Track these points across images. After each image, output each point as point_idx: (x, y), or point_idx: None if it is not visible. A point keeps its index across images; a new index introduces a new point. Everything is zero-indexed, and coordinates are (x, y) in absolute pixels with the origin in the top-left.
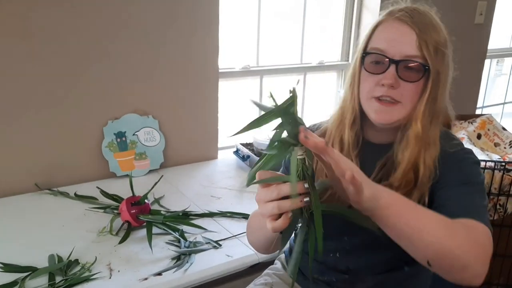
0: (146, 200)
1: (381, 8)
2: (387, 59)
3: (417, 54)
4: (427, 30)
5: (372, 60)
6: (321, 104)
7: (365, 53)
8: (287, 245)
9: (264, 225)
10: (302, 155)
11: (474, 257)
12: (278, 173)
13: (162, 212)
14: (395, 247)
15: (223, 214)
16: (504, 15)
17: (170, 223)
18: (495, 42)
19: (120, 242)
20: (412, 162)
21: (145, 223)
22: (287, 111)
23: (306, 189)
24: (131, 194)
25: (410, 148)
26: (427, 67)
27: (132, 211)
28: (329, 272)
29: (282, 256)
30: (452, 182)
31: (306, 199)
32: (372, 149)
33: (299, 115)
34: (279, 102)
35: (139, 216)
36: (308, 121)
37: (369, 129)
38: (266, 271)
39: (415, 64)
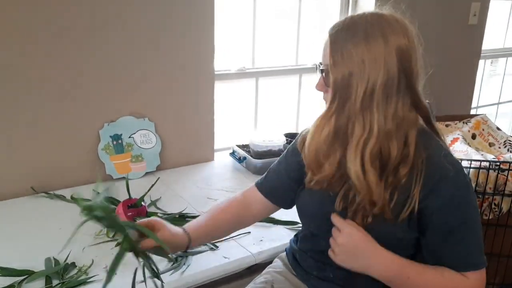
0: (142, 203)
1: (375, 9)
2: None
3: (326, 62)
4: (339, 38)
5: None
6: (316, 105)
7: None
8: (288, 244)
9: None
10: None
11: None
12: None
13: (158, 214)
14: (390, 247)
15: None
16: (497, 16)
17: None
18: (489, 42)
19: (117, 245)
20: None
21: None
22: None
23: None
24: (128, 197)
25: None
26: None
27: (128, 214)
28: (327, 269)
29: (283, 254)
30: (447, 225)
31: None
32: None
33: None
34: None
35: (136, 219)
36: (304, 124)
37: None
38: (266, 269)
39: (321, 69)
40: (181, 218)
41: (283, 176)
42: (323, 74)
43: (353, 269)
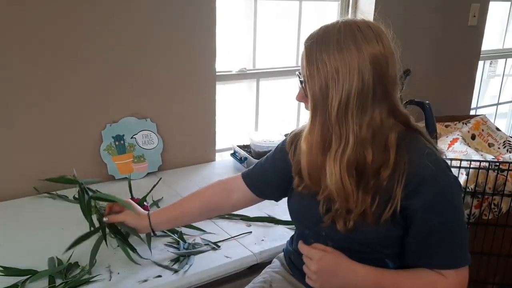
0: (145, 203)
1: (375, 12)
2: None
3: (304, 74)
4: (313, 50)
5: None
6: None
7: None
8: (285, 245)
9: None
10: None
11: None
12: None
13: None
14: (375, 246)
15: (221, 216)
16: (497, 17)
17: None
18: (488, 43)
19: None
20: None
21: None
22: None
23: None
24: (130, 197)
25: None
26: (305, 84)
27: None
28: None
29: (281, 254)
30: (428, 224)
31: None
32: None
33: None
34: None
35: None
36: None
37: None
38: (265, 269)
39: (300, 80)
40: None
41: (268, 172)
42: (302, 85)
43: None
